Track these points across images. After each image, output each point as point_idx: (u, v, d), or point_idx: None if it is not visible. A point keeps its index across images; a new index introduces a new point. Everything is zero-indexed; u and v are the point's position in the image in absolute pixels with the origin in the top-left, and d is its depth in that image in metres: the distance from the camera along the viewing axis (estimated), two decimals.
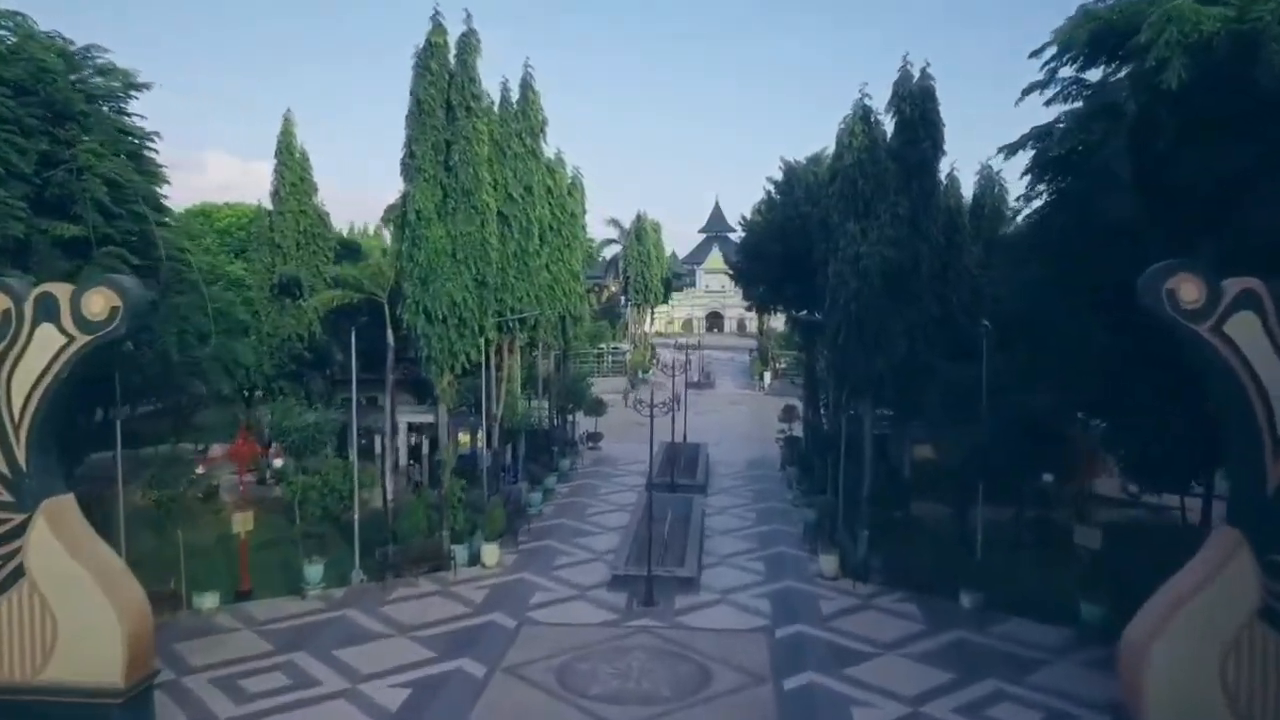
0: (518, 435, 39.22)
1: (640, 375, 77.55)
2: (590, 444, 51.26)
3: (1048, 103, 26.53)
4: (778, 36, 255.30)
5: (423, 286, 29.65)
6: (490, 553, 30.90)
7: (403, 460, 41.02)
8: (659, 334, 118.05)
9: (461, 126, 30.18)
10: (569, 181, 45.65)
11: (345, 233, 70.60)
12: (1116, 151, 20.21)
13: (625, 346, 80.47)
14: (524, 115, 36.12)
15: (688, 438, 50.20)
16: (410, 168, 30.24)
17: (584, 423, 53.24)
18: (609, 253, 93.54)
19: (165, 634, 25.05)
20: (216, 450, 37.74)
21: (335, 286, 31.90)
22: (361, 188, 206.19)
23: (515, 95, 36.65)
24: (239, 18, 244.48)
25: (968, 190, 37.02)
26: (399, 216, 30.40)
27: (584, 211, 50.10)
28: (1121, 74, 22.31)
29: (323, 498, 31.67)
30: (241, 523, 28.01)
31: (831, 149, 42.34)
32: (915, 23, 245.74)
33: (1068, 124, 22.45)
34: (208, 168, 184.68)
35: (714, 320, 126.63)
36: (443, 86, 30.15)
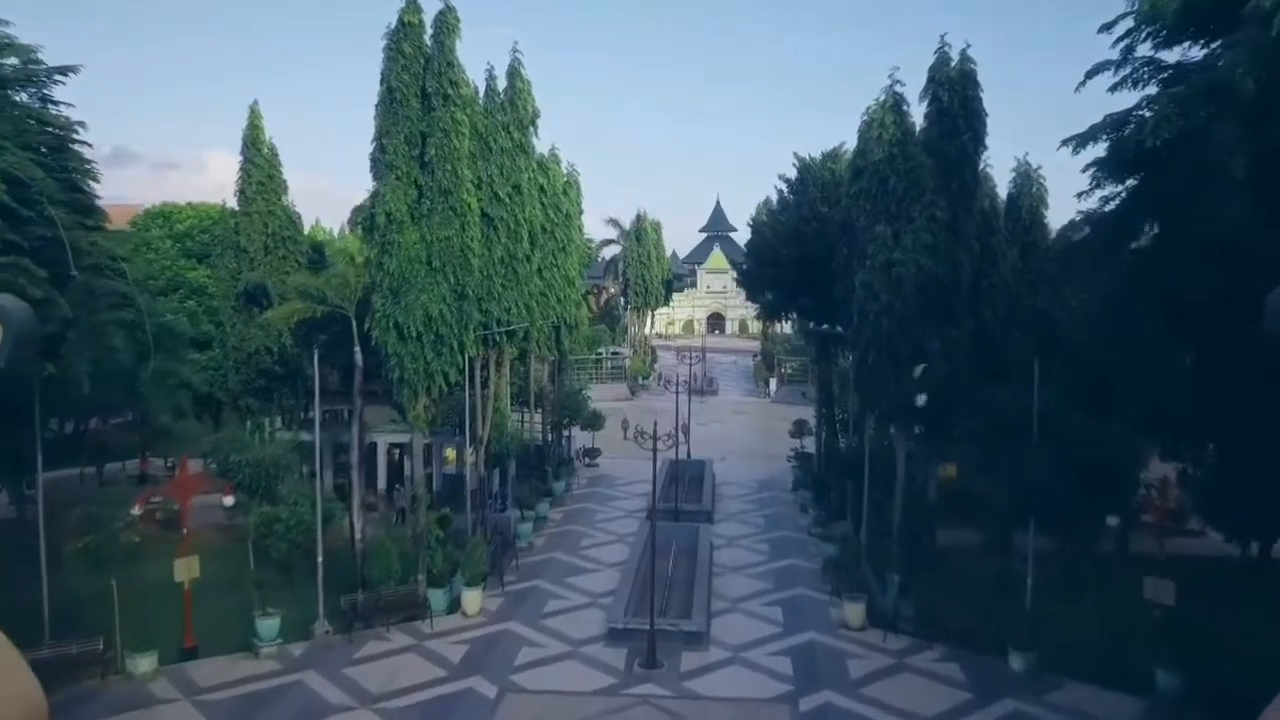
0: (507, 459, 35.40)
1: (640, 381, 73.70)
2: (587, 460, 47.42)
3: (1113, 87, 22.83)
4: (777, 35, 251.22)
5: (394, 299, 25.85)
6: (472, 599, 27.11)
7: (383, 484, 37.22)
8: (659, 335, 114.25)
9: (438, 117, 26.37)
10: (564, 180, 41.79)
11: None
12: (1225, 142, 16.40)
13: (624, 351, 76.56)
14: (512, 106, 32.28)
15: (691, 453, 46.41)
16: (380, 164, 26.47)
17: (580, 437, 49.38)
18: (608, 253, 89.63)
19: (89, 707, 21.34)
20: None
21: (297, 297, 28.06)
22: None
23: (503, 85, 32.77)
24: (239, 16, 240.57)
25: (1001, 189, 33.28)
26: (367, 219, 26.56)
27: (580, 212, 46.22)
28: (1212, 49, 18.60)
29: (289, 531, 28.04)
30: (185, 569, 24.22)
31: (850, 145, 38.70)
32: (916, 22, 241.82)
33: (1161, 109, 18.63)
34: (209, 167, 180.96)
35: (715, 321, 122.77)
36: (417, 72, 26.36)
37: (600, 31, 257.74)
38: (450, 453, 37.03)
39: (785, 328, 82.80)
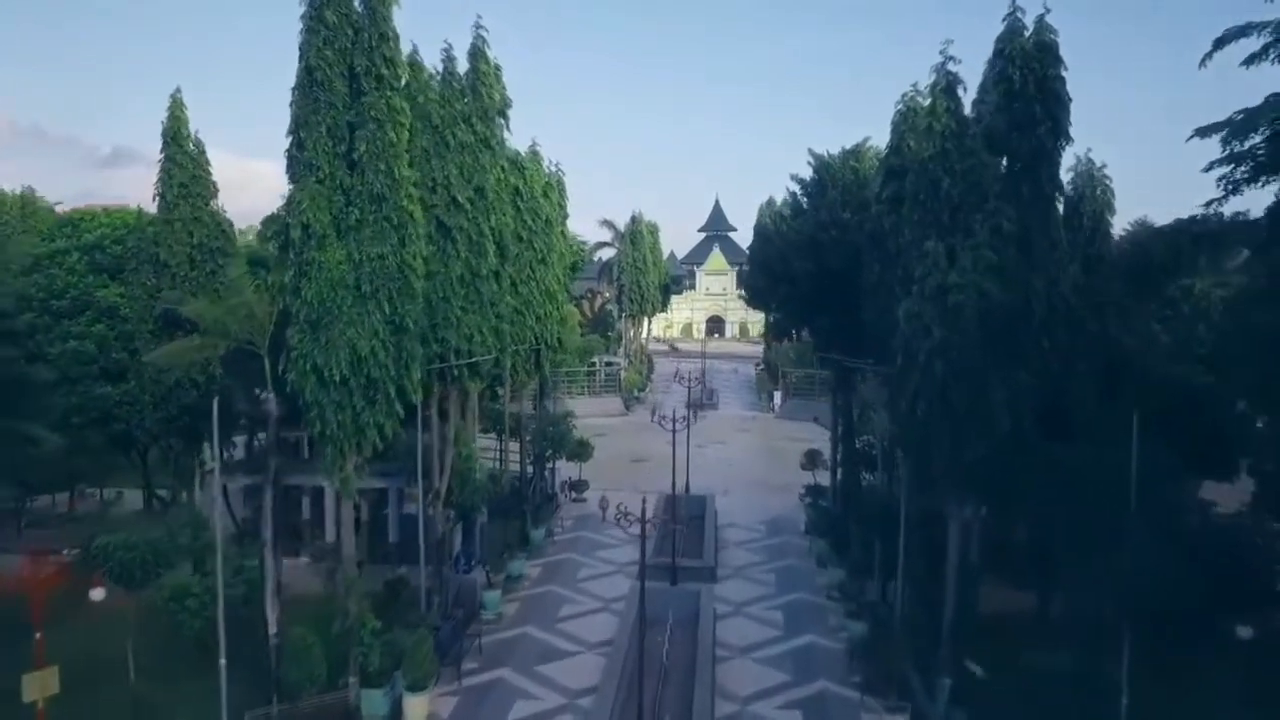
0: (473, 513, 29.52)
1: (635, 394, 67.78)
2: (573, 495, 41.46)
3: (1249, 60, 16.93)
4: (777, 34, 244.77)
5: (312, 333, 19.92)
6: (416, 707, 21.27)
7: (334, 534, 31.28)
8: (657, 338, 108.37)
9: (370, 104, 20.42)
10: (544, 181, 35.88)
11: None
12: None
13: (619, 360, 70.61)
14: (474, 94, 26.30)
15: (690, 483, 40.57)
16: (298, 163, 20.51)
17: (567, 465, 43.40)
18: (605, 254, 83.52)
19: None
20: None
21: (194, 330, 22.17)
22: None
23: (464, 69, 26.82)
24: (240, 15, 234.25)
25: None
26: (279, 233, 20.63)
27: (565, 216, 40.27)
28: None
29: (204, 607, 22.54)
30: (39, 686, 18.44)
31: (874, 140, 32.86)
32: (916, 21, 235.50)
33: None
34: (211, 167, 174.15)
35: (715, 324, 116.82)
36: (344, 46, 20.38)
37: (598, 31, 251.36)
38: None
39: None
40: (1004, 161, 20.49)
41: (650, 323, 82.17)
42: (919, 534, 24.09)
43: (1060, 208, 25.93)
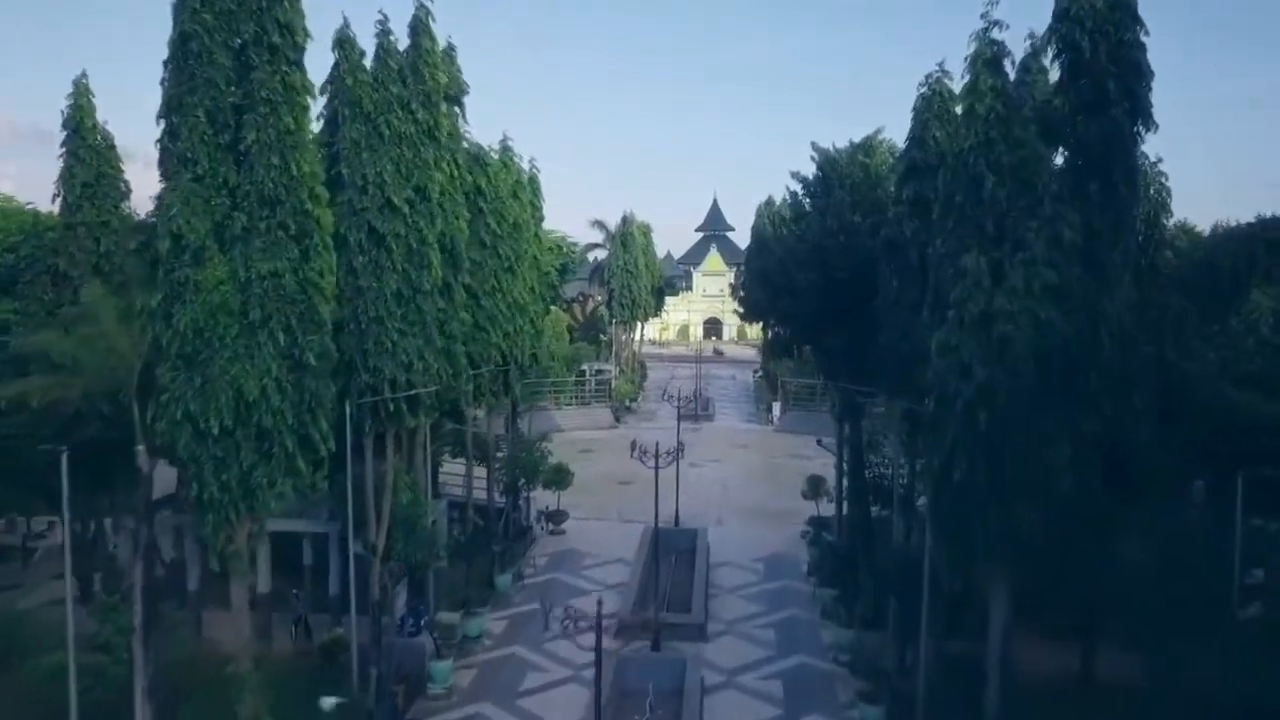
0: (420, 570, 25.06)
1: (626, 404, 63.26)
2: (550, 527, 36.94)
3: None
4: (776, 33, 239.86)
5: (186, 372, 15.51)
6: None
7: (265, 585, 26.82)
8: (653, 341, 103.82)
9: (261, 82, 15.97)
10: (514, 179, 31.41)
11: None
12: None
13: (609, 368, 66.04)
14: (414, 76, 21.79)
15: (680, 511, 36.16)
16: (170, 156, 16.08)
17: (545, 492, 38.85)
18: (598, 255, 78.79)
19: None
20: None
21: (51, 367, 17.71)
22: None
23: (404, 46, 22.32)
24: None
25: None
26: (144, 244, 16.19)
27: (540, 218, 35.85)
28: None
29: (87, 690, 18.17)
30: None
31: (889, 132, 28.33)
32: (916, 21, 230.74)
33: None
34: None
35: (712, 327, 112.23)
36: (227, 9, 15.93)
37: (597, 30, 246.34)
38: None
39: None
40: (1064, 154, 15.99)
41: (643, 327, 77.54)
42: (949, 597, 19.70)
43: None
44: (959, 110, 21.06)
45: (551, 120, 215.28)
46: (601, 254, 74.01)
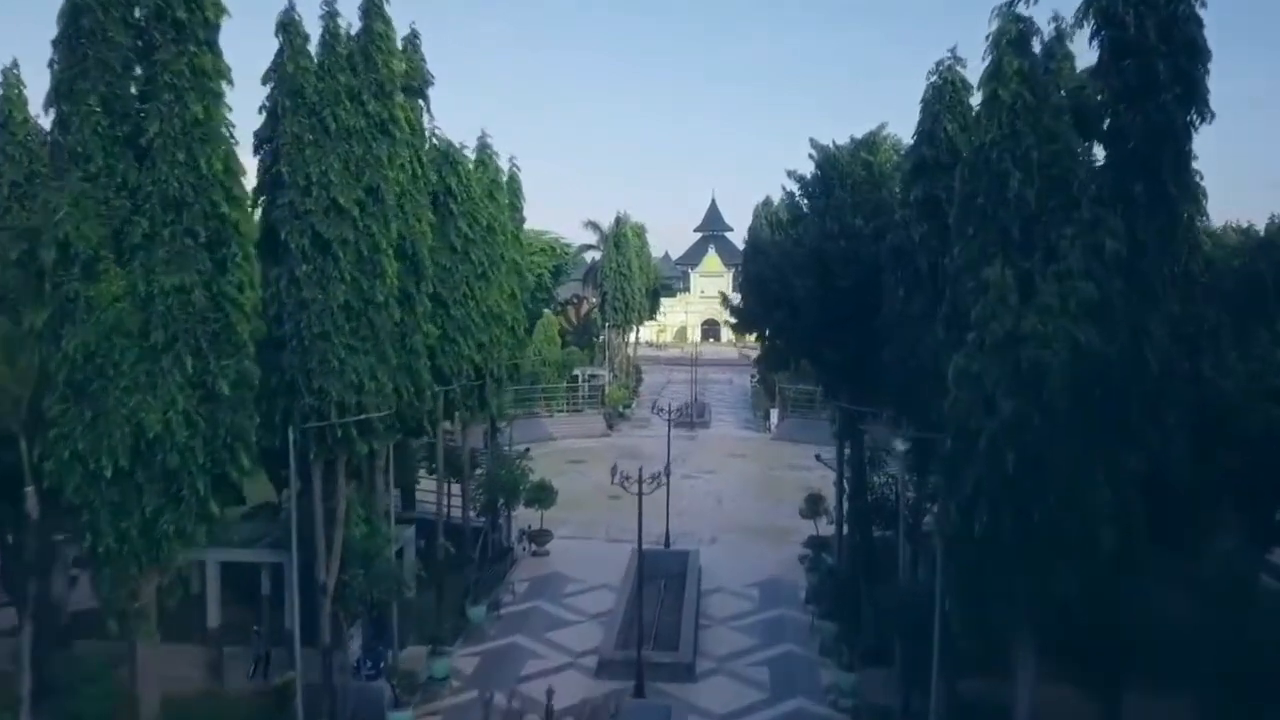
0: (378, 609, 22.68)
1: (620, 411, 60.87)
2: (533, 548, 34.53)
3: None
4: (776, 32, 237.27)
5: (76, 404, 13.14)
6: None
7: (215, 620, 24.45)
8: (650, 343, 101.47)
9: (165, 64, 13.61)
10: (489, 179, 29.09)
11: None
12: None
13: (603, 373, 63.61)
14: (365, 63, 19.38)
15: (672, 528, 33.84)
16: (60, 152, 13.71)
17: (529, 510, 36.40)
18: (593, 256, 76.38)
19: None
20: None
21: None
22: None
23: (357, 30, 19.93)
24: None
25: None
26: (27, 253, 13.82)
27: (521, 220, 33.54)
28: None
29: None
30: None
31: (890, 128, 25.94)
32: (918, 19, 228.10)
33: None
34: None
35: (710, 329, 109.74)
36: None
37: (596, 29, 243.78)
38: None
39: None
40: (1102, 148, 13.61)
41: (638, 331, 75.13)
42: (965, 647, 17.35)
43: None
44: (974, 102, 18.73)
45: (551, 120, 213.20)
46: (596, 255, 71.68)
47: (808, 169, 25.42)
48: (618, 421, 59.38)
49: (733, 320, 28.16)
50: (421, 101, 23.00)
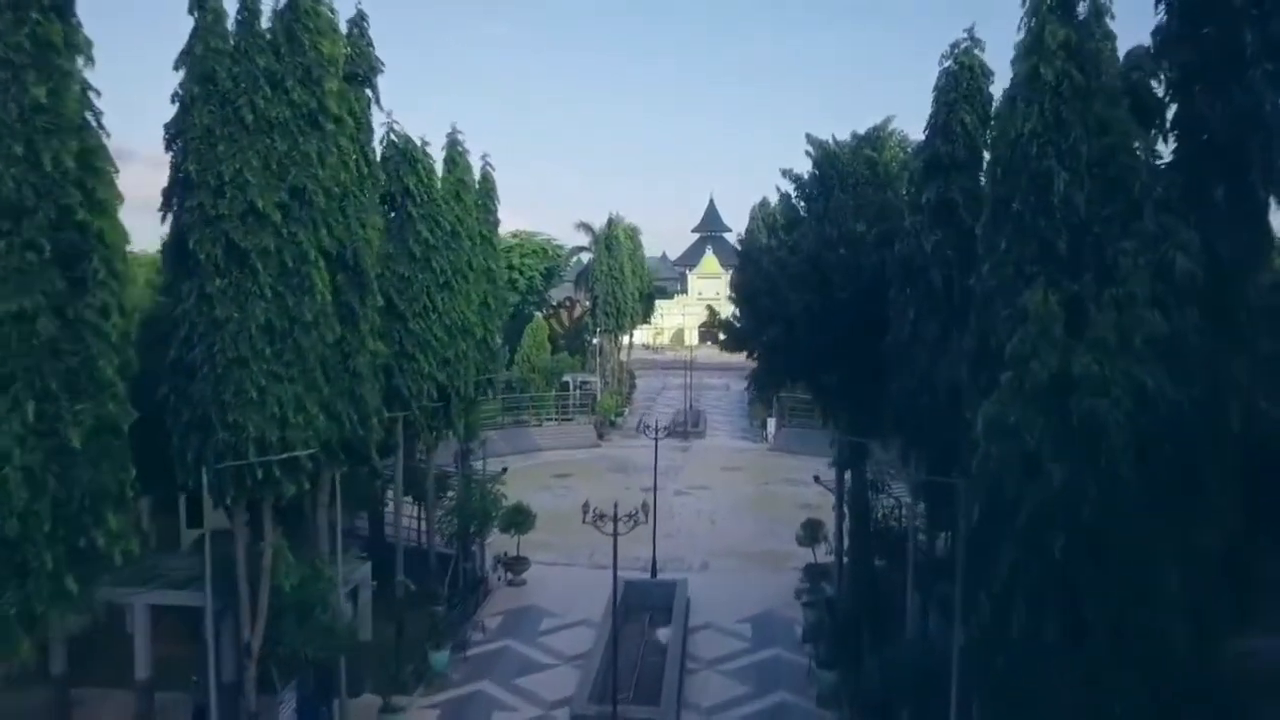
0: (313, 673, 19.85)
1: (612, 420, 58.11)
2: (509, 577, 31.72)
3: None
4: (776, 31, 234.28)
5: None
6: None
7: (144, 672, 21.69)
8: (646, 346, 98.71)
9: None
10: (453, 180, 26.32)
11: None
12: None
13: (594, 380, 60.84)
14: (290, 44, 16.55)
15: (659, 551, 31.01)
16: None
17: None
18: (585, 258, 73.54)
19: None
20: None
21: None
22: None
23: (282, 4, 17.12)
24: None
25: None
26: None
27: (496, 222, 30.75)
28: None
29: None
30: None
31: (897, 123, 23.16)
32: (918, 19, 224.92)
33: None
34: None
35: (707, 331, 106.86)
36: None
37: (596, 29, 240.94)
38: None
39: None
40: (1169, 143, 10.82)
41: (631, 336, 72.29)
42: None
43: None
44: (995, 91, 16.05)
45: (551, 120, 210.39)
46: (589, 257, 68.88)
47: (805, 167, 22.72)
48: (609, 431, 56.61)
49: (722, 337, 25.12)
50: (370, 91, 20.21)
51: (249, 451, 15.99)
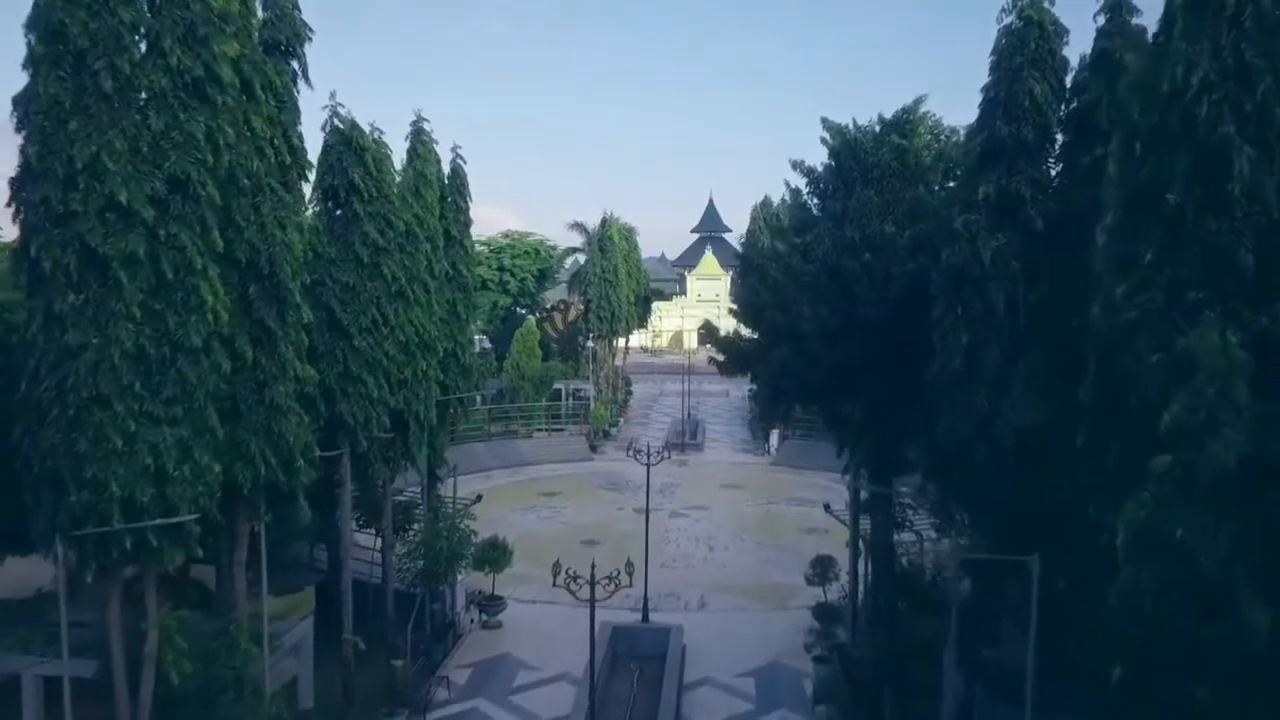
0: None
1: (605, 431, 54.41)
2: (482, 619, 27.95)
3: None
4: (776, 31, 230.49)
5: None
6: None
7: None
8: (644, 349, 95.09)
9: None
10: (414, 174, 22.63)
11: None
12: None
13: (588, 387, 57.11)
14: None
15: (651, 588, 27.24)
16: None
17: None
18: (581, 259, 69.76)
19: None
20: None
21: None
22: None
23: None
24: None
25: None
26: None
27: (467, 222, 26.99)
28: None
29: None
30: None
31: (931, 107, 19.36)
32: (920, 19, 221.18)
33: None
34: None
35: (708, 334, 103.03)
36: None
37: (596, 29, 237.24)
38: None
39: None
40: None
41: (627, 340, 68.55)
42: None
43: None
44: (1070, 54, 12.33)
45: (550, 121, 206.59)
46: (583, 258, 65.16)
47: (817, 158, 18.93)
48: (602, 443, 52.89)
49: (721, 358, 21.34)
50: (295, 64, 16.45)
51: (113, 515, 12.26)
